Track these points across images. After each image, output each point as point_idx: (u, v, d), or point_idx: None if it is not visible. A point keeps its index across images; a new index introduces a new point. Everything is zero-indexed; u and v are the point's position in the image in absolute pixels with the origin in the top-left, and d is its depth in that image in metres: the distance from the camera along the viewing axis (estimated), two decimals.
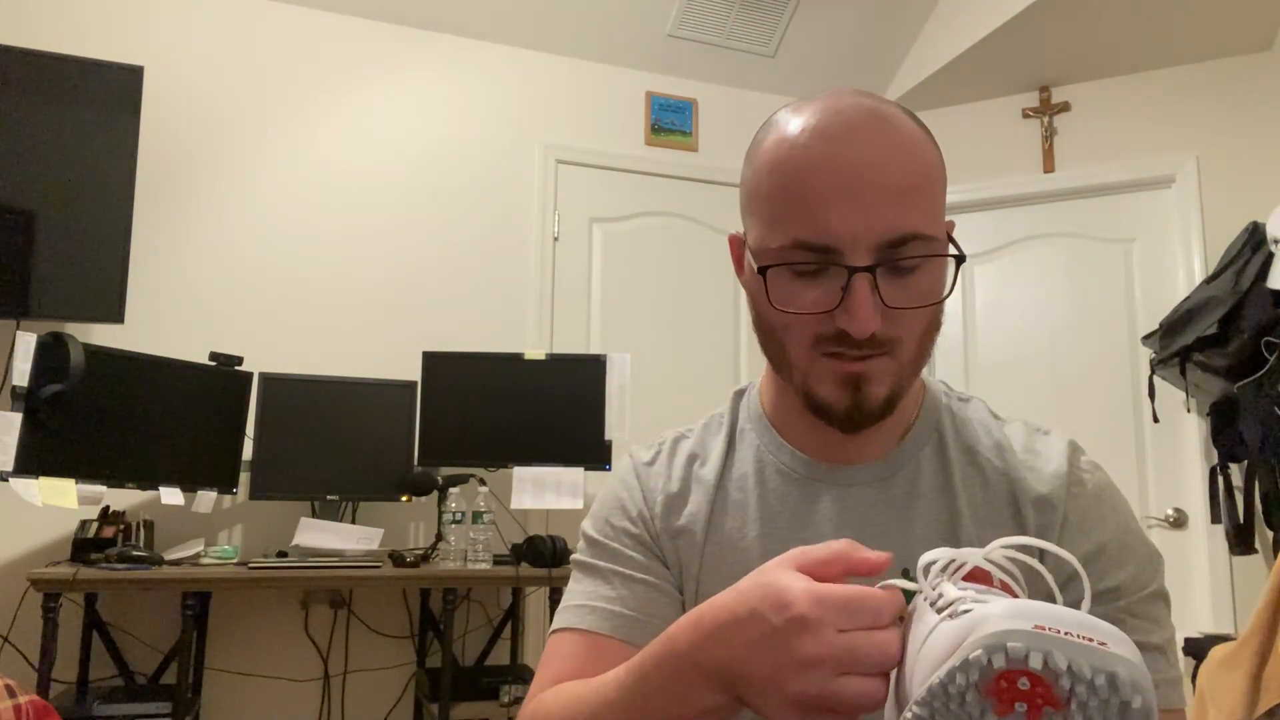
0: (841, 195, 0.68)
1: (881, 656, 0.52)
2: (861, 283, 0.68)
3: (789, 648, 0.52)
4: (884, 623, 0.53)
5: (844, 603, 0.52)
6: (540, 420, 2.89)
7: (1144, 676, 0.42)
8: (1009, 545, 0.54)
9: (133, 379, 2.51)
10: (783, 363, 0.76)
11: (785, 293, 0.71)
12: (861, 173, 0.68)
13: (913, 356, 0.74)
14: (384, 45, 3.21)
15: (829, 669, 0.52)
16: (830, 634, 0.52)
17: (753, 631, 0.54)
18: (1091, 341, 3.25)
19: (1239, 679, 1.58)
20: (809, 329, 0.71)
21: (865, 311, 0.68)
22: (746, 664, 0.55)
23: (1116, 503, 0.77)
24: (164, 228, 2.89)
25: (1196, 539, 2.99)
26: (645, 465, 0.87)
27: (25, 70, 2.57)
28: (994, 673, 0.42)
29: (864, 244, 0.68)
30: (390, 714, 2.92)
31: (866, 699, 0.52)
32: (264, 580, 2.45)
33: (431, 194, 3.20)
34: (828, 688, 0.52)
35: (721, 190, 3.49)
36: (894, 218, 0.68)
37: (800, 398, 0.75)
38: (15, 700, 1.09)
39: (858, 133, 0.70)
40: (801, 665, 0.52)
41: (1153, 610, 0.72)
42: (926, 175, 0.71)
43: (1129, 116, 3.28)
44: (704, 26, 3.40)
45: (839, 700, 0.52)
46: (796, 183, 0.70)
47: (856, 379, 0.71)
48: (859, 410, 0.72)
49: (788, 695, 0.52)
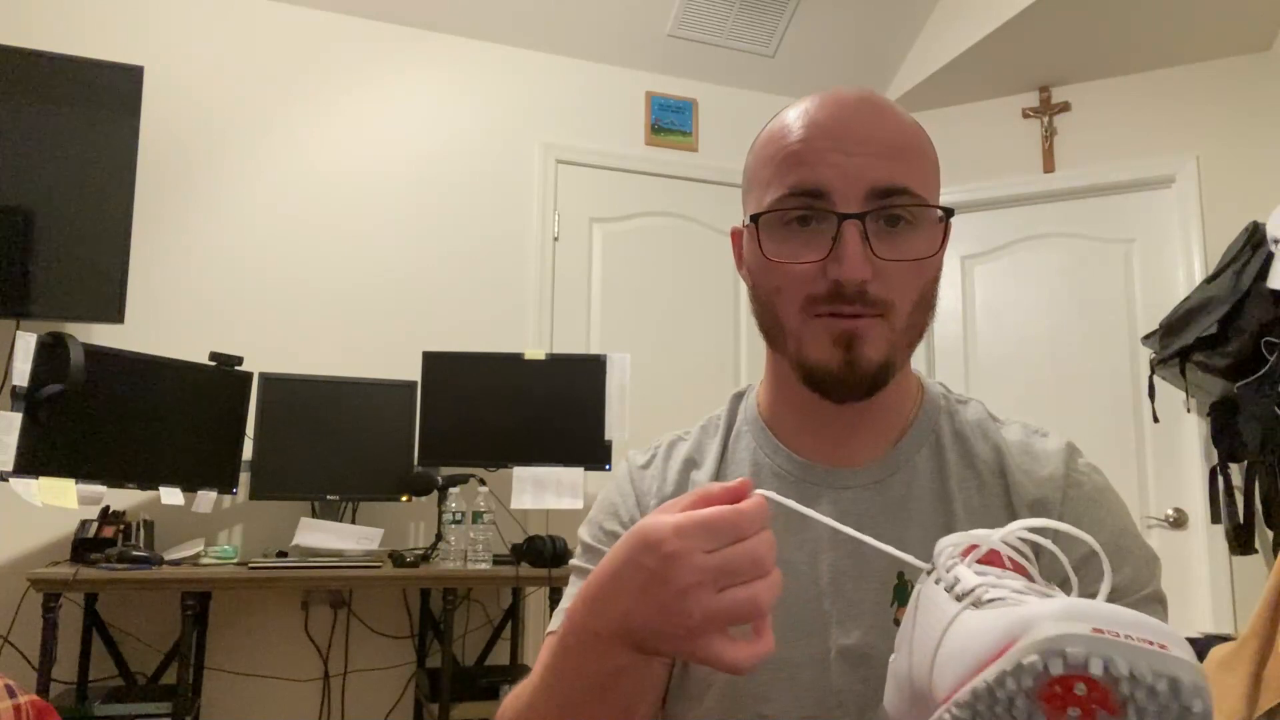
0: (832, 146, 0.72)
1: (752, 563, 0.54)
2: (851, 229, 0.70)
3: (666, 582, 0.54)
4: (748, 533, 0.55)
5: (703, 525, 0.54)
6: (540, 420, 2.89)
7: (1203, 679, 0.40)
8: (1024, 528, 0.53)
9: (133, 379, 2.51)
10: (777, 332, 0.77)
11: (778, 246, 0.74)
12: (856, 129, 0.73)
13: (905, 326, 0.74)
14: (384, 45, 3.21)
15: (709, 589, 0.53)
16: (699, 557, 0.53)
17: (632, 581, 0.56)
18: (1091, 341, 3.24)
19: (1239, 679, 1.58)
20: (801, 288, 0.73)
21: (855, 257, 0.70)
22: (638, 613, 0.56)
23: (1113, 505, 0.77)
24: (164, 227, 2.89)
25: (1196, 539, 2.99)
26: (640, 469, 0.88)
27: (25, 70, 2.57)
28: (1049, 678, 0.41)
29: (855, 191, 0.71)
30: (390, 714, 2.92)
31: (753, 603, 0.53)
32: (264, 580, 2.46)
33: (431, 194, 3.20)
34: (714, 605, 0.53)
35: (721, 190, 3.49)
36: (884, 169, 0.72)
37: (795, 369, 0.76)
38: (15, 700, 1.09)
39: (855, 103, 0.75)
40: (682, 594, 0.53)
41: (1150, 612, 0.72)
42: (919, 147, 0.76)
43: (1129, 116, 3.28)
44: (704, 26, 3.40)
45: (731, 613, 0.53)
46: (796, 144, 0.74)
47: (849, 337, 0.72)
48: (851, 370, 0.73)
49: (683, 628, 0.54)
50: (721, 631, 0.54)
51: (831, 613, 0.75)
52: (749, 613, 0.54)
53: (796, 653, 0.74)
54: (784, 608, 0.76)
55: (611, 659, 0.59)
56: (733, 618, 0.54)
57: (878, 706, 0.72)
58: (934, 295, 0.77)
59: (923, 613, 0.53)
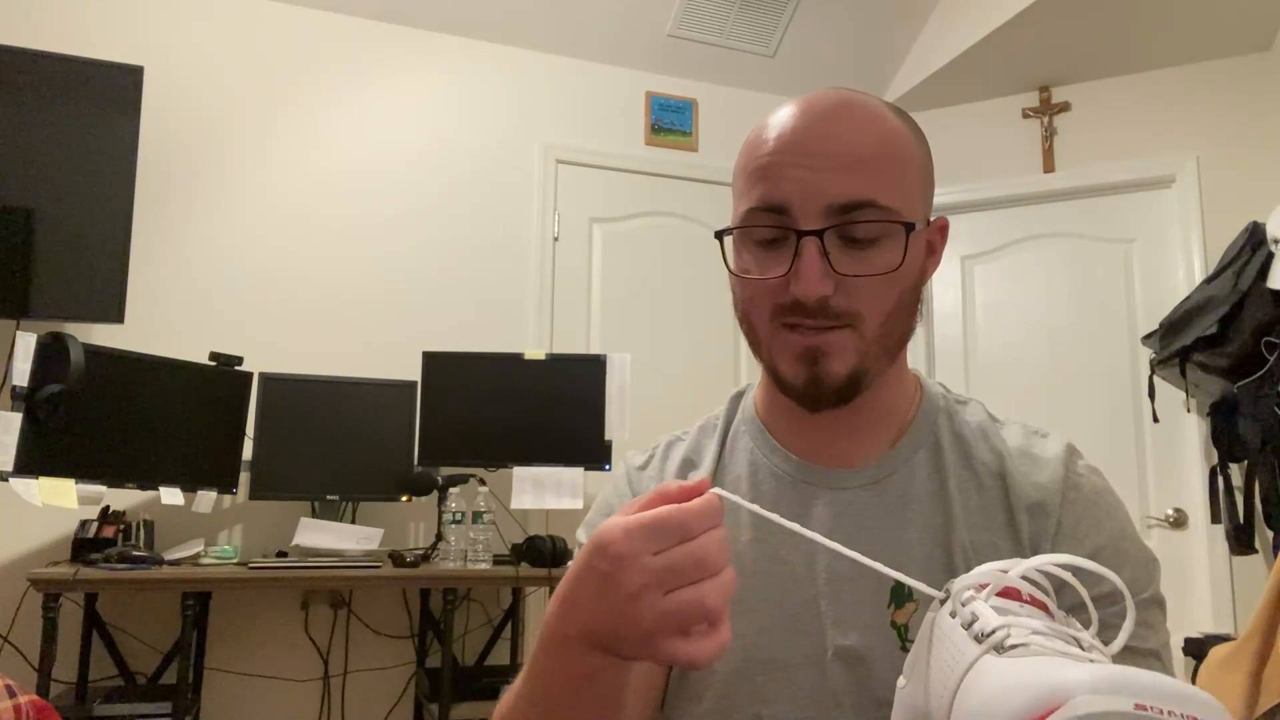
0: (799, 162, 0.71)
1: (695, 566, 0.53)
2: (809, 246, 0.70)
3: (617, 585, 0.54)
4: (696, 532, 0.54)
5: (649, 526, 0.54)
6: (540, 420, 2.89)
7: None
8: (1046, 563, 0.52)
9: (133, 379, 2.51)
10: (754, 341, 0.78)
11: (747, 262, 0.75)
12: (816, 140, 0.72)
13: (877, 335, 0.73)
14: (384, 45, 3.21)
15: (656, 591, 0.53)
16: (645, 560, 0.53)
17: (590, 585, 0.56)
18: (1091, 341, 3.24)
19: (1239, 679, 1.58)
20: (768, 299, 0.73)
21: (812, 275, 0.70)
22: (597, 617, 0.56)
23: (1112, 507, 0.77)
24: (164, 228, 2.89)
25: (1196, 539, 2.99)
26: (638, 469, 0.88)
27: (25, 70, 2.57)
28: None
29: (814, 207, 0.70)
30: (390, 714, 2.93)
31: (699, 604, 0.52)
32: (264, 580, 2.46)
33: (431, 194, 3.20)
34: (663, 607, 0.53)
35: (721, 190, 3.48)
36: (846, 184, 0.70)
37: (770, 377, 0.77)
38: (15, 700, 1.09)
39: (827, 111, 0.74)
40: (633, 598, 0.53)
41: (1148, 616, 0.72)
42: (891, 151, 0.73)
43: (1129, 116, 3.28)
44: (704, 26, 3.40)
45: (678, 614, 0.53)
46: (759, 156, 0.74)
47: (813, 353, 0.72)
48: (816, 386, 0.73)
49: (638, 631, 0.54)
50: (678, 631, 0.53)
51: (828, 613, 0.75)
52: (696, 614, 0.53)
53: (793, 653, 0.74)
54: (781, 608, 0.76)
55: (585, 661, 0.59)
56: (681, 620, 0.53)
57: (874, 708, 0.72)
58: (915, 300, 0.76)
59: (938, 646, 0.51)
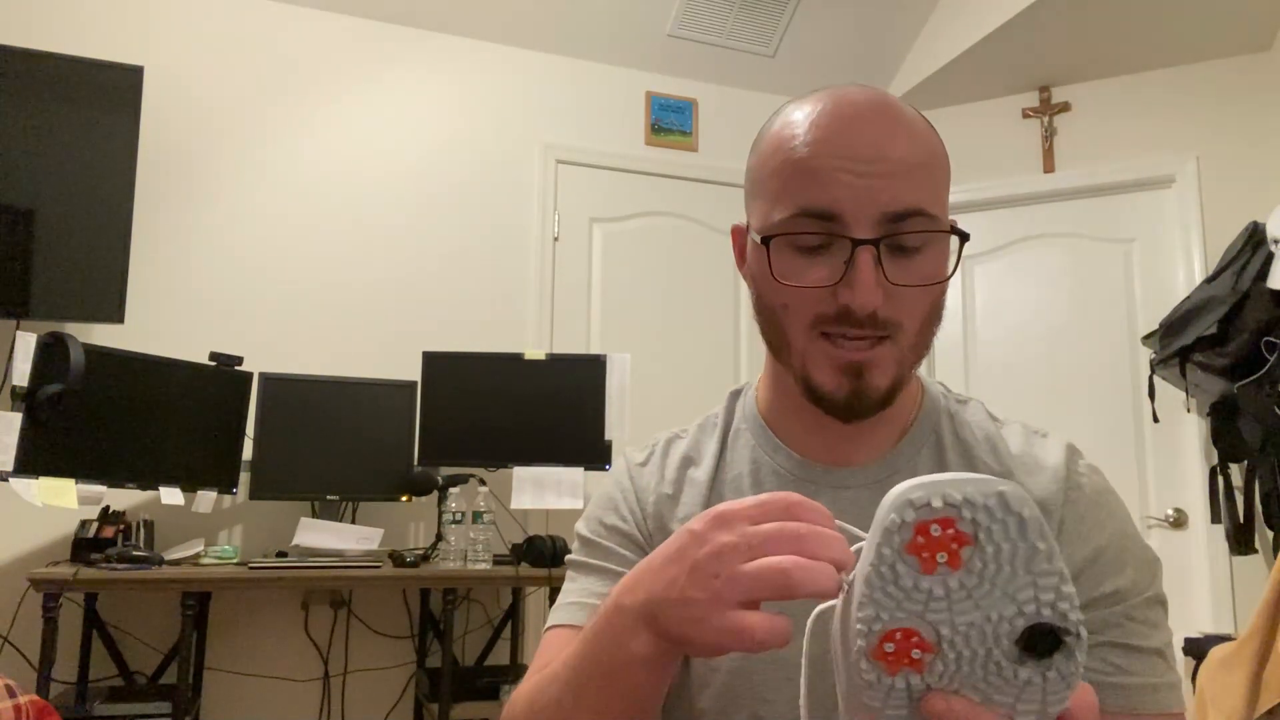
0: (847, 167, 0.69)
1: (793, 539, 0.50)
2: (865, 255, 0.68)
3: (704, 542, 0.53)
4: (801, 518, 0.52)
5: (759, 500, 0.53)
6: (540, 420, 2.89)
7: (1022, 489, 0.45)
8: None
9: (133, 379, 2.51)
10: (782, 347, 0.75)
11: (788, 266, 0.71)
12: (868, 146, 0.69)
13: (913, 344, 0.73)
14: (384, 45, 3.21)
15: (741, 552, 0.51)
16: (744, 526, 0.52)
17: (673, 546, 0.56)
18: (1091, 341, 3.24)
19: (1239, 679, 1.58)
20: (809, 308, 0.71)
21: (868, 284, 0.68)
22: (665, 576, 0.55)
23: (1114, 507, 0.76)
24: (164, 228, 2.89)
25: (1196, 539, 2.99)
26: (638, 466, 0.87)
27: (25, 70, 2.57)
28: (910, 530, 0.44)
29: (868, 215, 0.68)
30: (390, 714, 2.92)
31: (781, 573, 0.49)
32: (264, 580, 2.46)
33: (431, 194, 3.20)
34: (742, 568, 0.51)
35: (721, 190, 3.49)
36: (899, 191, 0.69)
37: (799, 384, 0.75)
38: (15, 700, 1.09)
39: (864, 113, 0.71)
40: (715, 553, 0.52)
41: (1151, 615, 0.72)
42: (931, 158, 0.73)
43: (1129, 116, 3.28)
44: (704, 26, 3.40)
45: (755, 577, 0.50)
46: (804, 157, 0.70)
47: (858, 367, 0.71)
48: (859, 399, 0.72)
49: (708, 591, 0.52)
50: (747, 598, 0.51)
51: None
52: (776, 581, 0.49)
53: (793, 651, 0.74)
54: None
55: (631, 639, 0.58)
56: (755, 584, 0.50)
57: None
58: (942, 308, 0.76)
59: None
